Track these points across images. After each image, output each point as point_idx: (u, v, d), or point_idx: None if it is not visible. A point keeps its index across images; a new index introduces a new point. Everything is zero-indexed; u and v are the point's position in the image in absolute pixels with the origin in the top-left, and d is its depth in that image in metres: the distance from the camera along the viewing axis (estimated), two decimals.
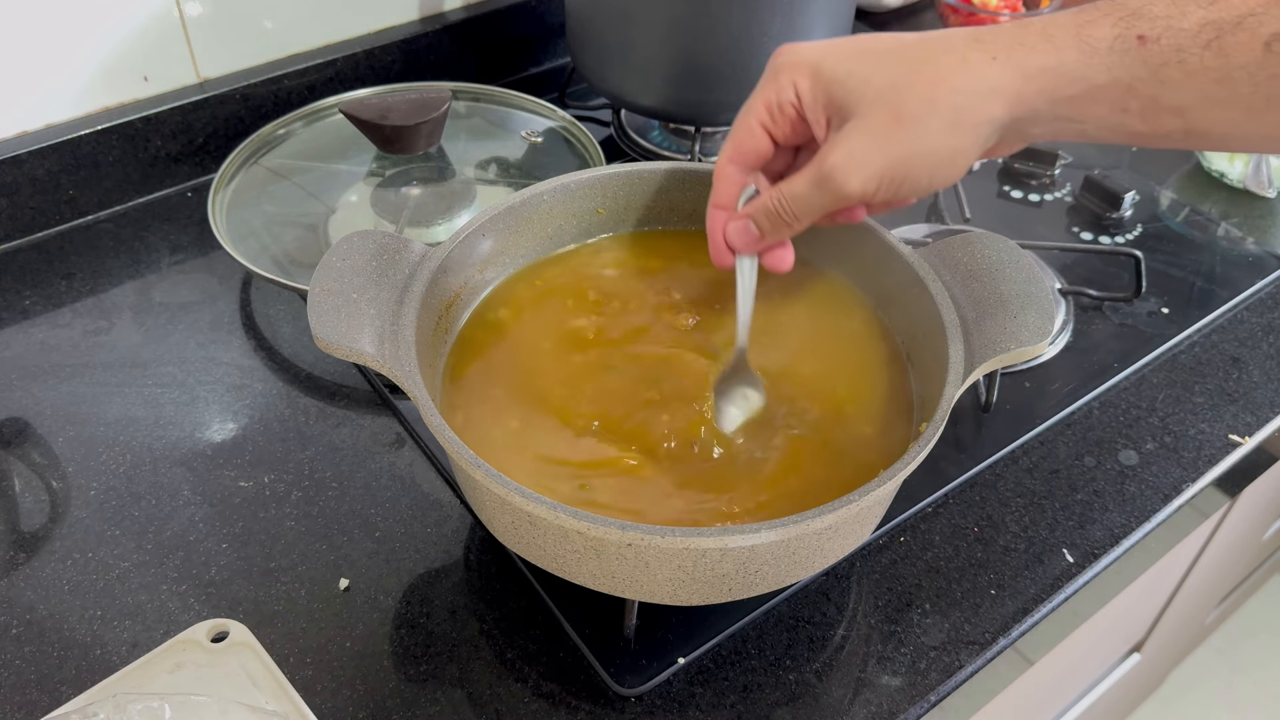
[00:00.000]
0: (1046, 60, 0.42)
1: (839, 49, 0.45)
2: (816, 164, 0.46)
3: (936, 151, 0.44)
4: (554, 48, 0.99)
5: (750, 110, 0.48)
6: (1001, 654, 0.54)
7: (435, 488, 0.61)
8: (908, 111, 0.43)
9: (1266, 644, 1.62)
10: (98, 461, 0.62)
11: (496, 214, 0.58)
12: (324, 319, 0.48)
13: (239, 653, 0.51)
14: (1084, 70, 0.41)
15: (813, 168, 0.46)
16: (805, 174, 0.46)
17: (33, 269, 0.76)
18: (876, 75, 0.44)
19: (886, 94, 0.43)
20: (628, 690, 0.51)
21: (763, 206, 0.48)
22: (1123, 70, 0.41)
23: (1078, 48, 0.41)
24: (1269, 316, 0.74)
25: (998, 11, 0.99)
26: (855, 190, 0.45)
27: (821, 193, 0.46)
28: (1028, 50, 0.42)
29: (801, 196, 0.47)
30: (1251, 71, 0.39)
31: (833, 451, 0.52)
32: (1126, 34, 0.40)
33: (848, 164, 0.44)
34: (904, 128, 0.43)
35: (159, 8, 0.78)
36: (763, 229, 0.49)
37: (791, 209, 0.47)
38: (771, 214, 0.48)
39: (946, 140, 0.43)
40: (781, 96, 0.46)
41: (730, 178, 0.49)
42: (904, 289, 0.55)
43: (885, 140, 0.44)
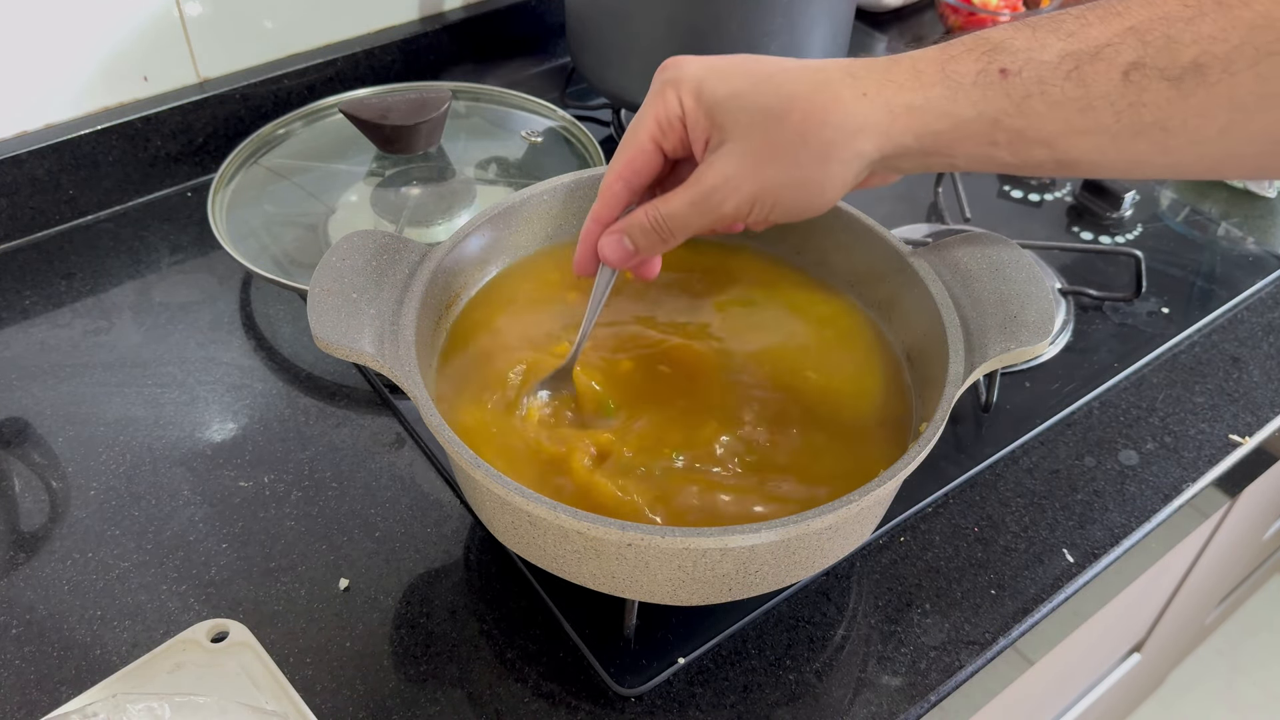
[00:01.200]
0: (913, 97, 0.42)
1: (722, 69, 0.46)
2: (694, 183, 0.46)
3: (806, 182, 0.45)
4: (554, 48, 0.99)
5: (641, 125, 0.48)
6: (1001, 654, 0.54)
7: (435, 488, 0.61)
8: (780, 141, 0.44)
9: (1266, 644, 1.62)
10: (98, 461, 0.62)
11: (496, 214, 0.58)
12: (324, 319, 0.48)
13: (239, 653, 0.51)
14: (950, 106, 0.42)
15: (690, 187, 0.46)
16: (682, 193, 0.47)
17: (33, 269, 0.76)
18: (754, 101, 0.44)
19: (762, 122, 0.44)
20: (628, 690, 0.51)
21: (639, 223, 0.49)
22: (987, 104, 0.41)
23: (943, 84, 0.42)
24: (1269, 316, 0.74)
25: (998, 11, 0.99)
26: (729, 212, 0.46)
27: (699, 213, 0.47)
28: (896, 87, 0.43)
29: (678, 215, 0.47)
30: (1112, 100, 0.40)
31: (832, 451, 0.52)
32: (989, 68, 0.41)
33: (724, 186, 0.45)
34: (776, 157, 0.44)
35: (159, 8, 0.78)
36: (638, 245, 0.49)
37: (668, 226, 0.48)
38: (647, 231, 0.48)
39: (815, 172, 0.44)
40: (669, 111, 0.47)
41: (617, 194, 0.49)
42: (904, 289, 0.55)
43: (758, 167, 0.45)
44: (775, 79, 0.45)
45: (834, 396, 0.55)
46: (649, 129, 0.47)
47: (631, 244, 0.49)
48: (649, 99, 0.48)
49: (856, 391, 0.55)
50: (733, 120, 0.45)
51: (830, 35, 0.79)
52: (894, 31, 1.06)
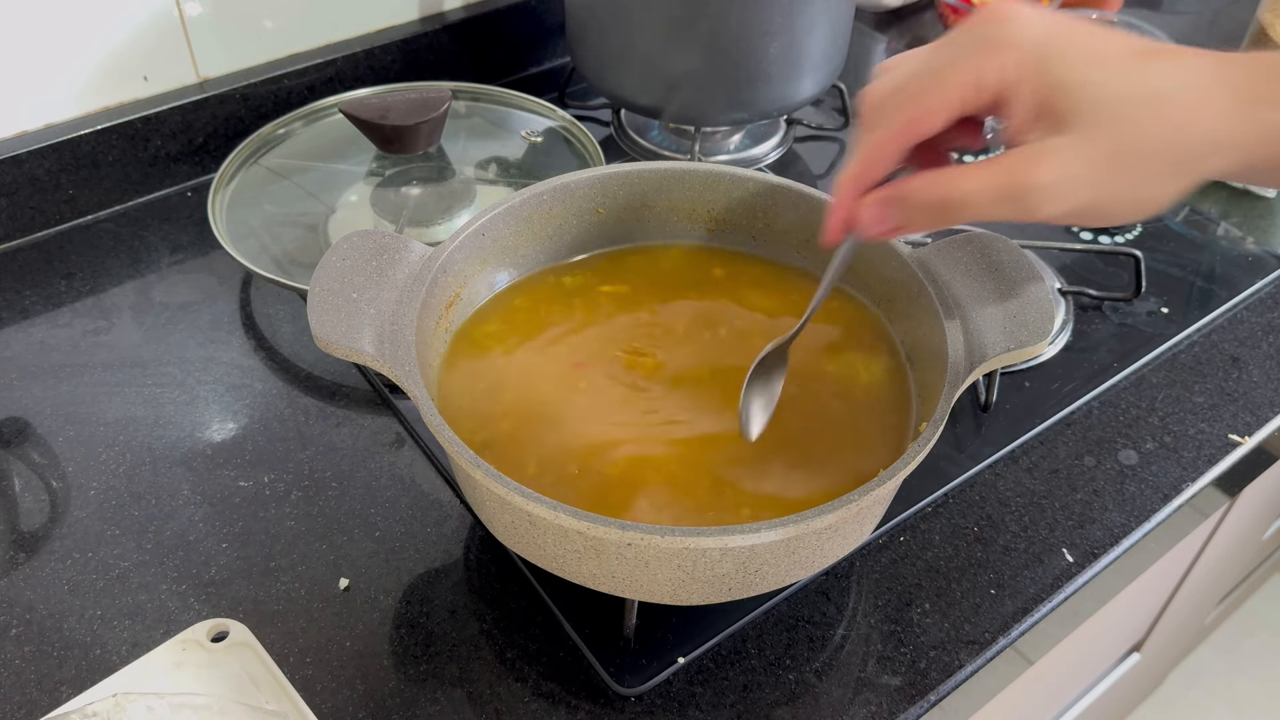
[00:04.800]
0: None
1: (1070, 45, 0.39)
2: (1011, 172, 0.39)
3: (1146, 197, 0.39)
4: (554, 48, 0.99)
5: (950, 81, 0.40)
6: (1001, 654, 0.54)
7: (435, 488, 0.61)
8: (1137, 148, 0.38)
9: (1266, 644, 1.62)
10: (98, 461, 0.62)
11: (496, 213, 0.58)
12: (324, 319, 0.48)
13: (239, 652, 0.51)
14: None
15: (1004, 174, 0.39)
16: (989, 176, 0.40)
17: (33, 269, 0.76)
18: (1115, 94, 0.38)
19: (1118, 122, 0.38)
20: (628, 690, 0.51)
21: (920, 195, 0.41)
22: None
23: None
24: (1269, 316, 0.74)
25: None
26: (1047, 216, 0.39)
27: (1007, 205, 0.40)
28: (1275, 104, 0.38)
29: (975, 201, 0.40)
30: None
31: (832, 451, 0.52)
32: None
33: (1053, 188, 0.39)
34: (1126, 165, 0.38)
35: (159, 8, 0.78)
36: (909, 220, 0.42)
37: (955, 210, 0.40)
38: (929, 207, 0.41)
39: (1163, 186, 0.39)
40: (994, 78, 0.39)
41: (890, 156, 0.42)
42: (904, 289, 0.55)
43: (1105, 172, 0.39)
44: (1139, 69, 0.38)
45: (833, 395, 0.55)
46: (959, 90, 0.40)
47: (902, 217, 0.42)
48: (964, 50, 0.40)
49: (855, 390, 0.55)
50: (1082, 111, 0.38)
51: (830, 35, 0.79)
52: (894, 31, 1.06)
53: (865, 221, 0.43)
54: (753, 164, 0.87)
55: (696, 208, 0.62)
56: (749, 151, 0.88)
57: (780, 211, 0.61)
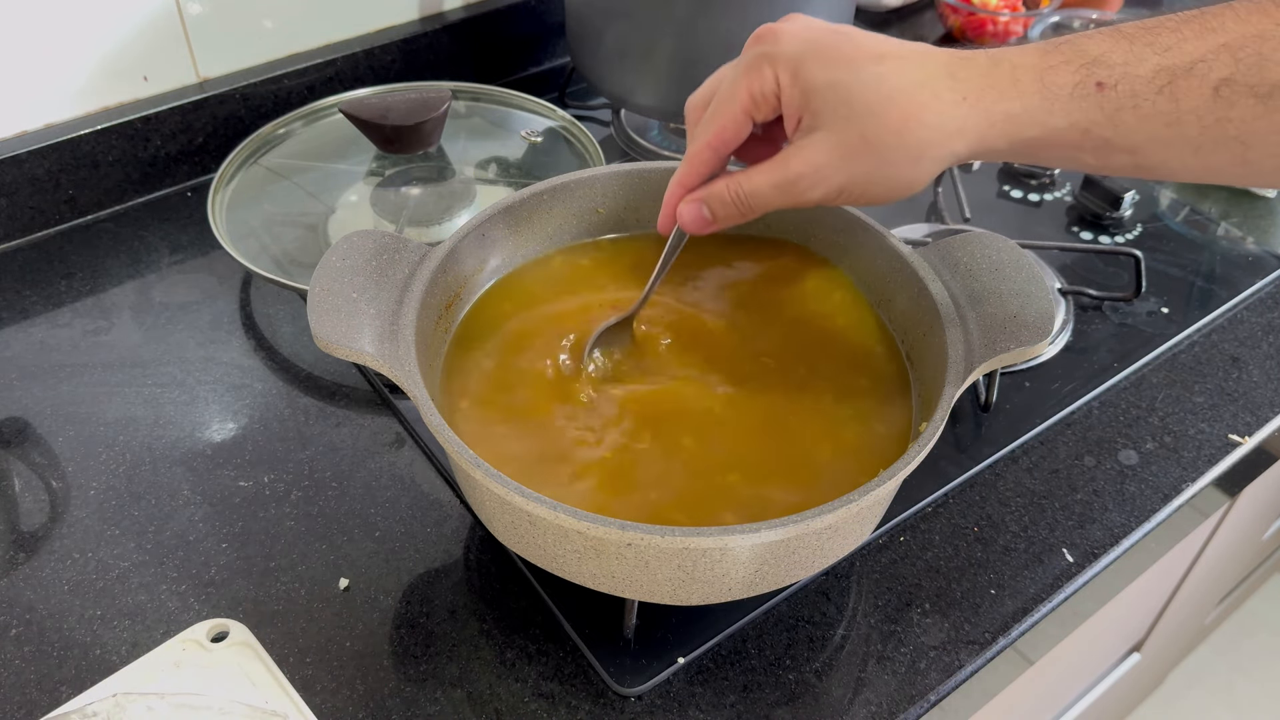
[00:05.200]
0: (1011, 106, 0.43)
1: (823, 50, 0.46)
2: (780, 166, 0.47)
3: (896, 179, 0.46)
4: (554, 48, 0.99)
5: (734, 98, 0.48)
6: (1001, 654, 0.54)
7: (435, 488, 0.61)
8: (877, 139, 0.44)
9: (1266, 644, 1.62)
10: (98, 461, 0.62)
11: (496, 213, 0.58)
12: (324, 319, 0.48)
13: (239, 652, 0.51)
14: (1044, 116, 0.43)
15: (776, 169, 0.47)
16: (767, 173, 0.47)
17: (33, 269, 0.76)
18: (852, 94, 0.44)
19: (861, 116, 0.44)
20: (628, 690, 0.51)
21: (719, 195, 0.49)
22: (1080, 115, 0.43)
23: (1040, 94, 0.43)
24: (1269, 316, 0.74)
25: (998, 11, 0.99)
26: (814, 200, 0.47)
27: (781, 195, 0.47)
28: (997, 94, 0.44)
29: (760, 193, 0.48)
30: (1200, 115, 0.41)
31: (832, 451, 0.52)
32: (1086, 80, 0.42)
33: (813, 175, 0.46)
34: (870, 153, 0.45)
35: (159, 8, 0.78)
36: (716, 215, 0.50)
37: (748, 202, 0.49)
38: (727, 204, 0.49)
39: (907, 170, 0.45)
40: (764, 87, 0.47)
41: (705, 161, 0.50)
42: (904, 289, 0.55)
43: (850, 161, 0.45)
44: (876, 71, 0.45)
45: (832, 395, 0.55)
46: (742, 102, 0.47)
47: (710, 213, 0.50)
48: (744, 69, 0.48)
49: (855, 390, 0.55)
50: (830, 110, 0.45)
51: None
52: (894, 31, 1.06)
53: (685, 218, 0.51)
54: None
55: None
56: None
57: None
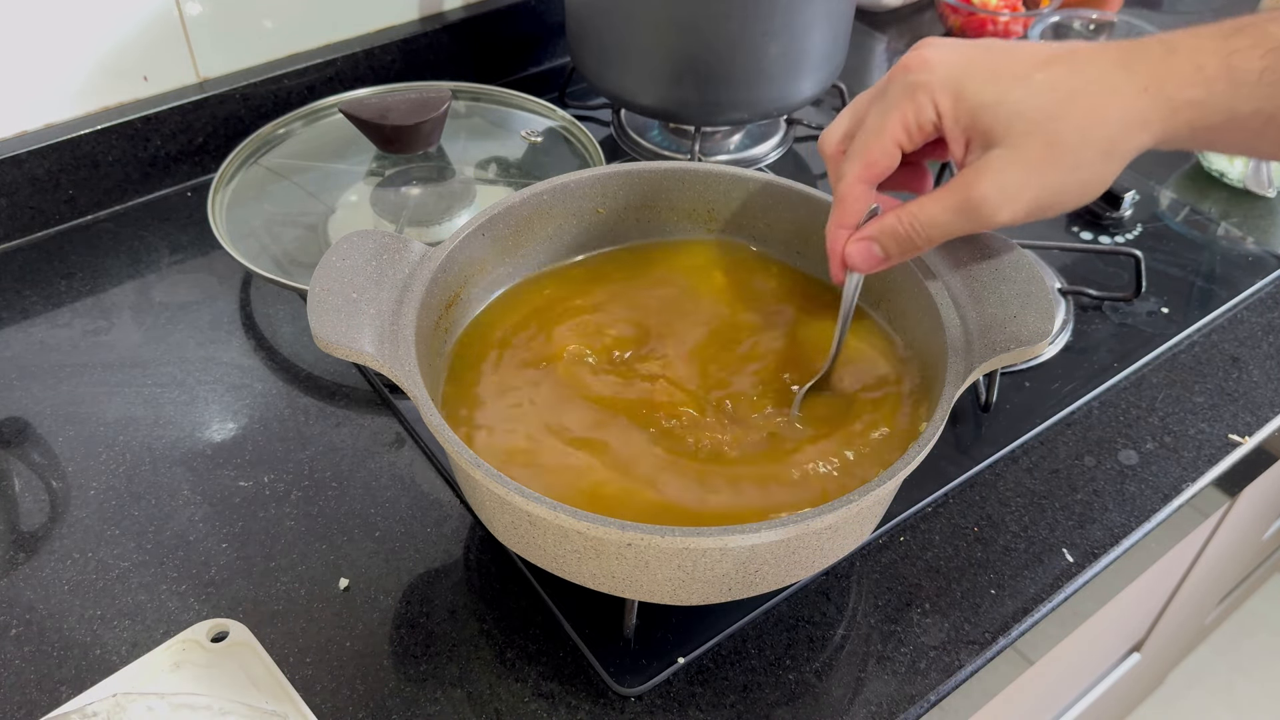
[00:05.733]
0: (1195, 93, 0.42)
1: (980, 69, 0.44)
2: (959, 191, 0.45)
3: (1088, 181, 0.44)
4: (554, 48, 0.99)
5: (885, 130, 0.46)
6: (1001, 654, 0.54)
7: (435, 488, 0.61)
8: (1063, 143, 0.43)
9: (1266, 644, 1.62)
10: (98, 461, 0.62)
11: (496, 213, 0.58)
12: (324, 319, 0.48)
13: (239, 653, 0.51)
14: (1230, 102, 0.42)
15: (954, 195, 0.45)
16: (944, 200, 0.45)
17: (33, 269, 0.76)
18: (1028, 104, 0.43)
19: (1041, 125, 0.43)
20: (628, 690, 0.51)
21: (891, 230, 0.47)
22: (1266, 101, 0.41)
23: (1227, 79, 0.42)
24: (1269, 316, 0.74)
25: (998, 11, 0.99)
26: (1004, 221, 0.45)
27: (965, 221, 0.45)
28: (1178, 82, 0.42)
29: (938, 224, 0.46)
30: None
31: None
32: (1276, 65, 0.41)
33: (999, 195, 0.44)
34: (1059, 160, 0.43)
35: (159, 8, 0.78)
36: (889, 252, 0.48)
37: (925, 234, 0.47)
38: (901, 238, 0.47)
39: (1098, 169, 0.44)
40: (921, 116, 0.45)
41: (859, 197, 0.48)
42: (904, 289, 0.55)
43: (1040, 172, 0.43)
44: (1045, 76, 0.43)
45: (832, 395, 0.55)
46: (895, 133, 0.46)
47: (882, 251, 0.49)
48: (894, 99, 0.46)
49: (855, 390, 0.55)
50: (1005, 126, 0.43)
51: (830, 35, 0.79)
52: (894, 31, 1.06)
53: (855, 260, 0.50)
54: (753, 164, 0.87)
55: (696, 208, 0.62)
56: (749, 151, 0.88)
57: (780, 211, 0.61)
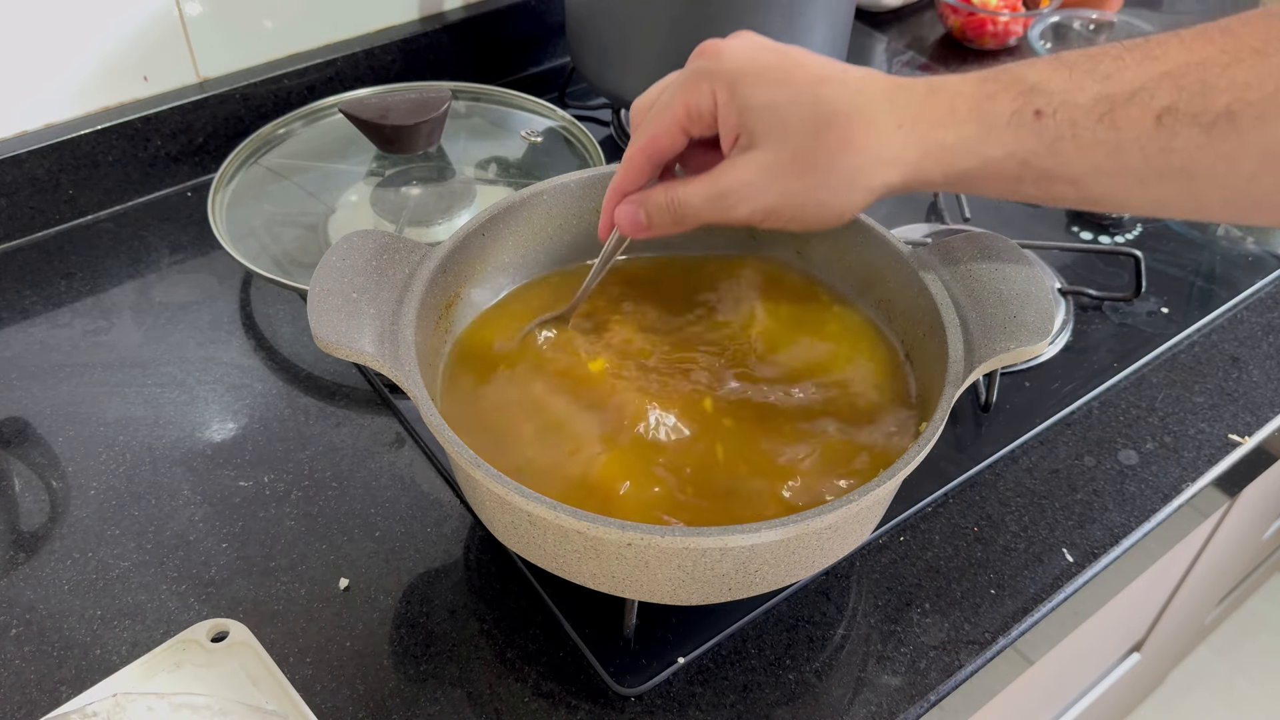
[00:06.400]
0: (946, 135, 0.43)
1: (761, 70, 0.45)
2: (714, 180, 0.47)
3: (826, 204, 0.45)
4: (554, 48, 0.99)
5: (670, 110, 0.48)
6: (1001, 654, 0.54)
7: (435, 488, 0.61)
8: (809, 162, 0.44)
9: (1266, 644, 1.62)
10: (98, 461, 0.62)
11: (496, 213, 0.58)
12: (324, 319, 0.48)
13: (239, 652, 0.51)
14: (980, 146, 0.42)
15: (710, 183, 0.47)
16: (701, 185, 0.47)
17: (33, 269, 0.76)
18: (789, 114, 0.44)
19: (793, 138, 0.44)
20: (628, 690, 0.51)
21: (656, 202, 0.49)
22: (1018, 145, 0.42)
23: (977, 122, 0.42)
24: (1269, 316, 0.74)
25: (997, 11, 0.99)
26: (742, 216, 0.47)
27: (712, 208, 0.47)
28: (931, 123, 0.43)
29: (691, 204, 0.48)
30: (1143, 144, 0.40)
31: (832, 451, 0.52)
32: (1024, 109, 0.41)
33: (742, 191, 0.46)
34: (802, 175, 0.45)
35: (159, 8, 0.78)
36: (652, 221, 0.50)
37: (680, 212, 0.48)
38: (662, 210, 0.49)
39: (838, 196, 0.45)
40: (700, 103, 0.47)
41: (639, 167, 0.50)
42: (904, 289, 0.55)
43: (781, 180, 0.45)
44: (815, 93, 0.44)
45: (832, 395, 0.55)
46: (677, 115, 0.47)
47: (645, 218, 0.50)
48: (683, 84, 0.47)
49: (855, 390, 0.55)
50: (764, 128, 0.45)
51: (830, 35, 0.79)
52: (894, 31, 1.06)
53: (621, 219, 0.51)
54: None
55: None
56: None
57: None
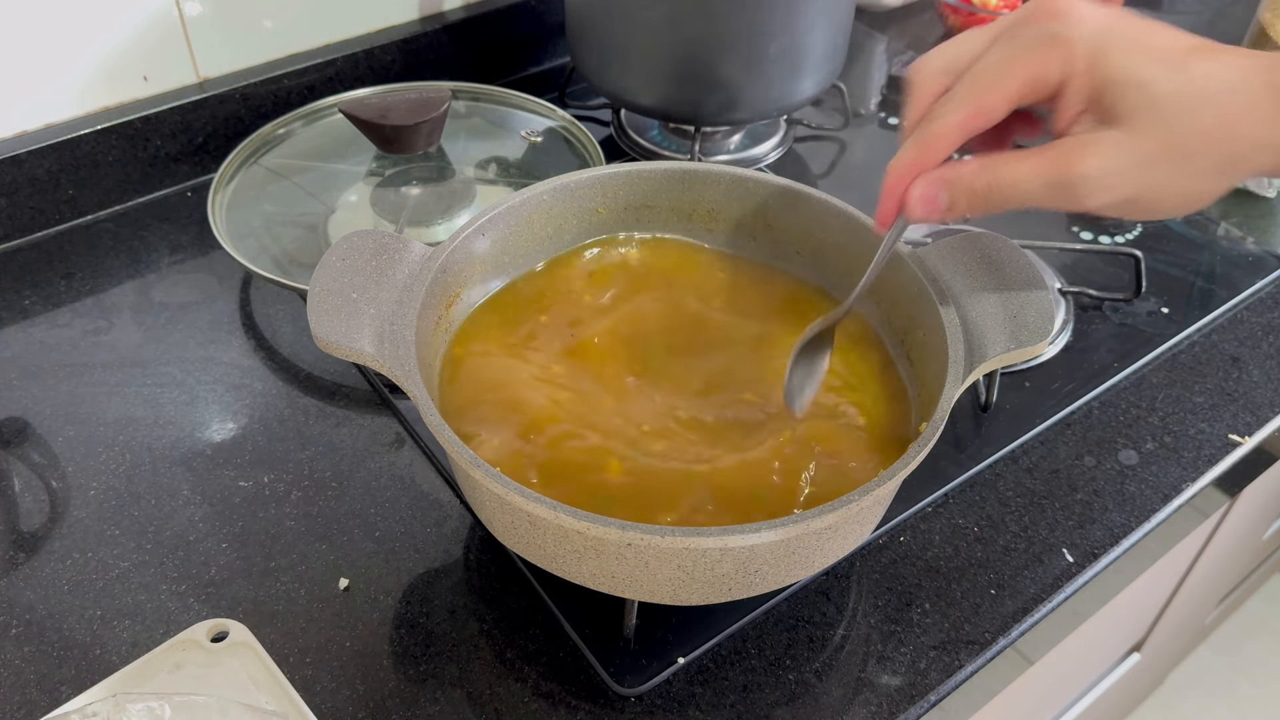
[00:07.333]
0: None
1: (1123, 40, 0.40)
2: (1059, 162, 0.41)
3: (1193, 192, 0.41)
4: (554, 48, 0.99)
5: (1009, 77, 0.41)
6: (1001, 654, 0.54)
7: (435, 488, 0.61)
8: (1182, 146, 0.40)
9: (1266, 644, 1.62)
10: (97, 461, 0.62)
11: (496, 213, 0.58)
12: (324, 319, 0.48)
13: (239, 653, 0.51)
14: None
15: (1052, 164, 0.41)
16: (1037, 165, 0.41)
17: (33, 269, 0.76)
18: (1163, 92, 0.39)
19: (1169, 119, 0.39)
20: (627, 690, 0.51)
21: (968, 181, 0.42)
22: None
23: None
24: (1269, 316, 0.74)
25: (997, 11, 0.99)
26: (1093, 206, 0.41)
27: (1054, 195, 0.41)
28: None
29: (1023, 189, 0.41)
30: None
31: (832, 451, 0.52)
32: None
33: (1100, 179, 0.40)
34: (1174, 162, 0.40)
35: (159, 8, 0.78)
36: (955, 204, 0.43)
37: (1004, 195, 0.42)
38: (976, 193, 0.42)
39: (1208, 183, 0.41)
40: (1050, 73, 0.40)
41: (951, 145, 0.43)
42: (904, 289, 0.55)
43: (1149, 168, 0.40)
44: (1189, 69, 0.39)
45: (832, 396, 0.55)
46: (1019, 83, 0.41)
47: (948, 200, 0.43)
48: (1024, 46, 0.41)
49: (855, 390, 0.55)
50: (1131, 108, 0.39)
51: (830, 35, 0.79)
52: (894, 31, 1.06)
53: (914, 202, 0.44)
54: (753, 164, 0.87)
55: (696, 208, 0.62)
56: (749, 151, 0.88)
57: (780, 212, 0.61)
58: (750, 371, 0.56)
